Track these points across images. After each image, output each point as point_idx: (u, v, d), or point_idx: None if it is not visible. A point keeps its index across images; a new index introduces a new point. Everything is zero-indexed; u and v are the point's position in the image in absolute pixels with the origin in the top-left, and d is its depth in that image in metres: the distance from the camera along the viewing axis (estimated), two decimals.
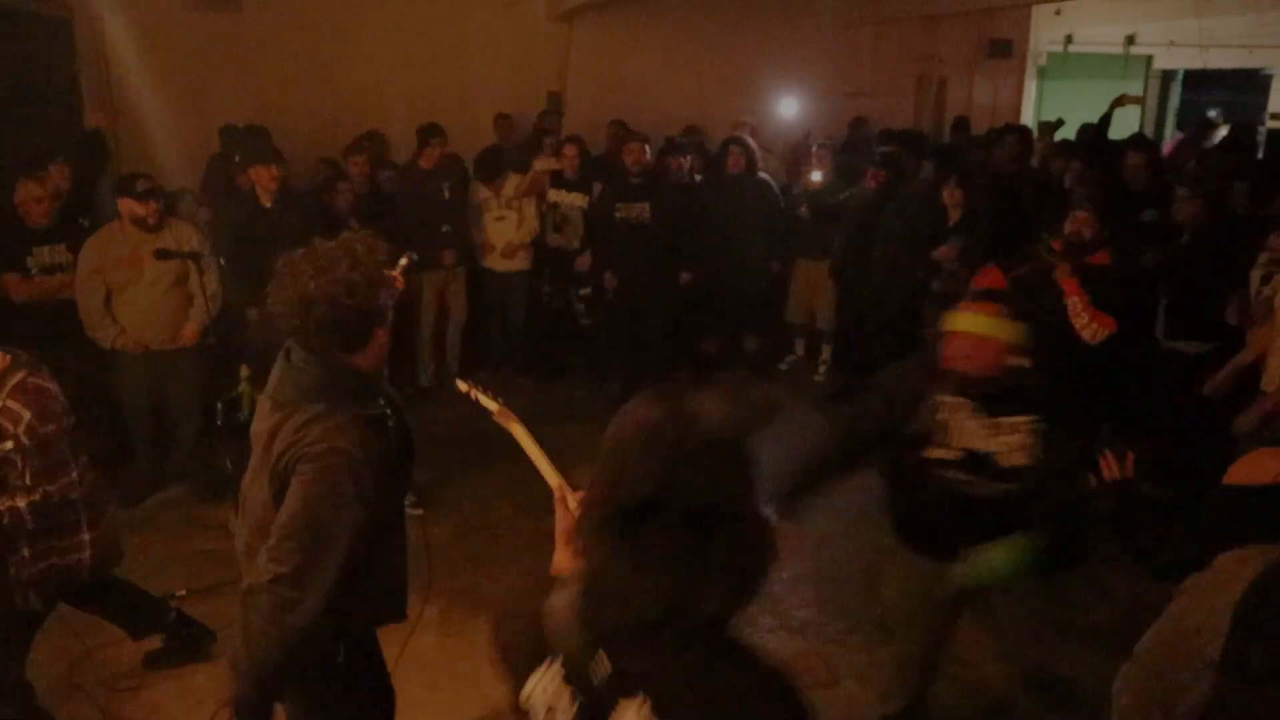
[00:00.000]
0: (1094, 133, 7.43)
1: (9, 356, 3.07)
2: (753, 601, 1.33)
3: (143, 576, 4.44)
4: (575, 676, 1.34)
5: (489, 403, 2.64)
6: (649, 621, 1.26)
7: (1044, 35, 12.62)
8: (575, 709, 1.35)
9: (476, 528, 5.10)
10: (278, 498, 2.24)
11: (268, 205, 5.52)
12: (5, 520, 2.99)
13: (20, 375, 3.02)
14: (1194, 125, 10.28)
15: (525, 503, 5.22)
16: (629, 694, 1.29)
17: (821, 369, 7.37)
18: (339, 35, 7.92)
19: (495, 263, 6.92)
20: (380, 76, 7.98)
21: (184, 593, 4.35)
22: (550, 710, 1.40)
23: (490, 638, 1.58)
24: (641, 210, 6.57)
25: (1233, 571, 1.55)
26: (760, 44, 9.43)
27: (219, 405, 4.47)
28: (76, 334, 5.03)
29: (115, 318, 5.01)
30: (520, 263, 6.93)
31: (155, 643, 3.95)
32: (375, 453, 2.26)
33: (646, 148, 6.75)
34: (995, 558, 2.81)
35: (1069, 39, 13.01)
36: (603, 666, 1.31)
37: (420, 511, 5.21)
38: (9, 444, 2.96)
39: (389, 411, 2.44)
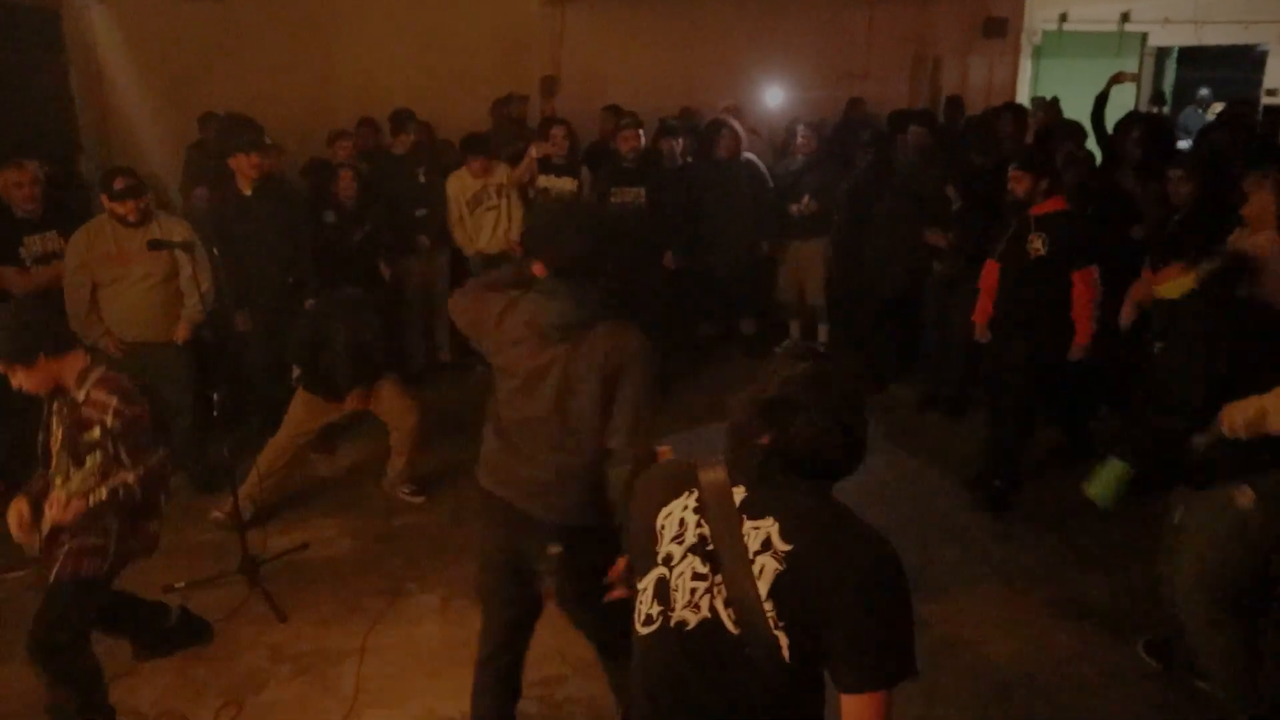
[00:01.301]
0: (1093, 111, 7.38)
1: (87, 354, 3.36)
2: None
3: (141, 569, 4.43)
4: (713, 502, 1.70)
5: None
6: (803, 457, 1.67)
7: (1038, 13, 12.55)
8: (701, 530, 1.69)
9: (477, 515, 5.05)
10: (604, 396, 2.64)
11: (248, 194, 5.47)
12: (120, 495, 3.20)
13: (101, 369, 3.31)
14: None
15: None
16: (759, 517, 1.66)
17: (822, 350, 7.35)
18: (330, 23, 7.86)
19: (484, 247, 6.88)
20: (372, 64, 7.93)
21: (183, 584, 4.34)
22: (679, 532, 1.72)
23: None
24: (637, 195, 6.53)
25: None
26: (754, 26, 9.38)
27: (214, 396, 4.43)
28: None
29: (101, 314, 4.97)
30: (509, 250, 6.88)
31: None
32: None
33: (641, 133, 6.72)
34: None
35: (1063, 17, 12.94)
36: (739, 494, 1.69)
37: (421, 499, 5.22)
38: (96, 431, 3.19)
39: None
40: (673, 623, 1.68)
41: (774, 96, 9.07)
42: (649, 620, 1.71)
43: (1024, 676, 3.78)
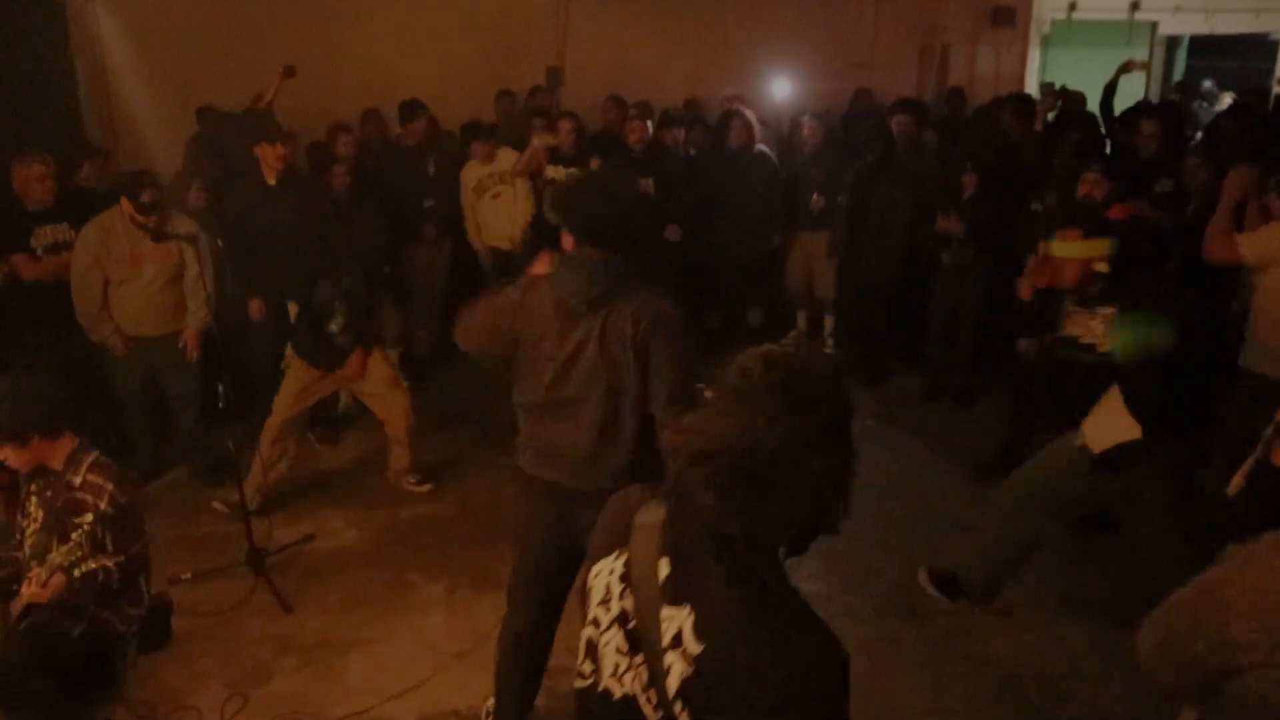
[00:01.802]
0: (1101, 101, 7.33)
1: (75, 438, 3.35)
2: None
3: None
4: (635, 574, 1.47)
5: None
6: (727, 535, 1.35)
7: (1047, 3, 12.47)
8: (624, 604, 1.48)
9: (484, 506, 5.08)
10: (639, 365, 2.69)
11: (272, 184, 5.47)
12: (100, 579, 3.24)
13: (94, 453, 3.35)
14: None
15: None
16: (677, 603, 1.40)
17: (829, 341, 7.33)
18: (335, 13, 7.84)
19: (493, 240, 6.87)
20: (377, 54, 7.90)
21: (189, 575, 4.35)
22: (606, 598, 1.53)
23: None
24: (646, 184, 6.52)
25: (1268, 559, 1.50)
26: (760, 16, 9.33)
27: (220, 388, 4.43)
28: None
29: (111, 312, 4.97)
30: (516, 244, 6.86)
31: None
32: None
33: (649, 124, 6.69)
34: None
35: (1073, 6, 12.85)
36: (663, 569, 1.43)
37: (428, 488, 5.22)
38: (89, 516, 3.21)
39: None
40: (600, 688, 1.54)
41: (780, 87, 9.02)
42: (581, 676, 1.59)
43: (1031, 668, 3.77)
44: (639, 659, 1.46)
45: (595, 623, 1.55)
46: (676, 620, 1.40)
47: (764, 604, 1.38)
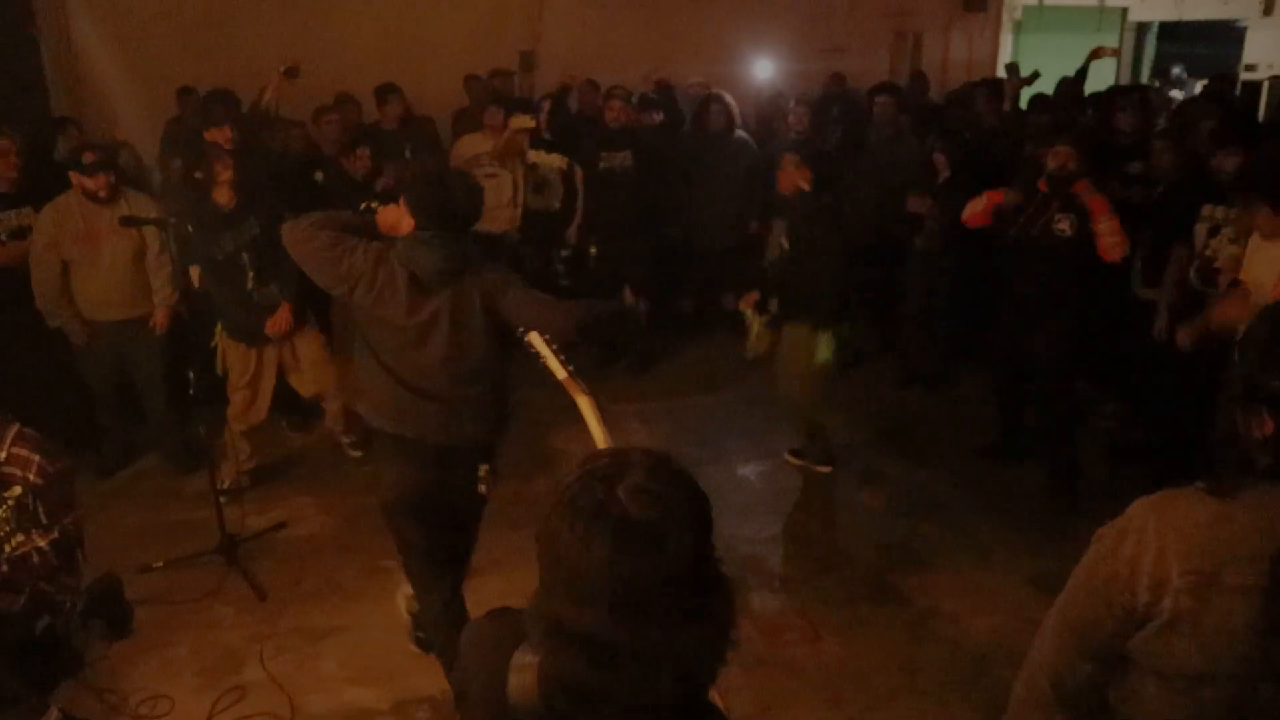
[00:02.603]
0: (1071, 86, 7.37)
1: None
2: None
3: (119, 549, 4.41)
4: None
5: (557, 368, 2.67)
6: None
7: None
8: None
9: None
10: (489, 326, 3.06)
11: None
12: (35, 560, 3.16)
13: (16, 426, 3.26)
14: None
15: (504, 468, 5.18)
16: None
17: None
18: None
19: (484, 224, 6.80)
20: (351, 38, 7.81)
21: (161, 564, 4.31)
22: None
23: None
24: (624, 158, 6.50)
25: (1141, 520, 1.55)
26: (733, 2, 9.31)
27: (190, 374, 4.38)
28: None
29: (72, 295, 4.90)
30: (505, 224, 6.81)
31: None
32: None
33: (627, 103, 6.68)
34: None
35: None
36: None
37: (359, 454, 5.26)
38: (17, 489, 3.14)
39: None
40: None
41: (756, 72, 9.01)
42: None
43: (1002, 648, 3.80)
44: None
45: None
46: None
47: None
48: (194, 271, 5.23)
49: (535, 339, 2.71)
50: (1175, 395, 4.85)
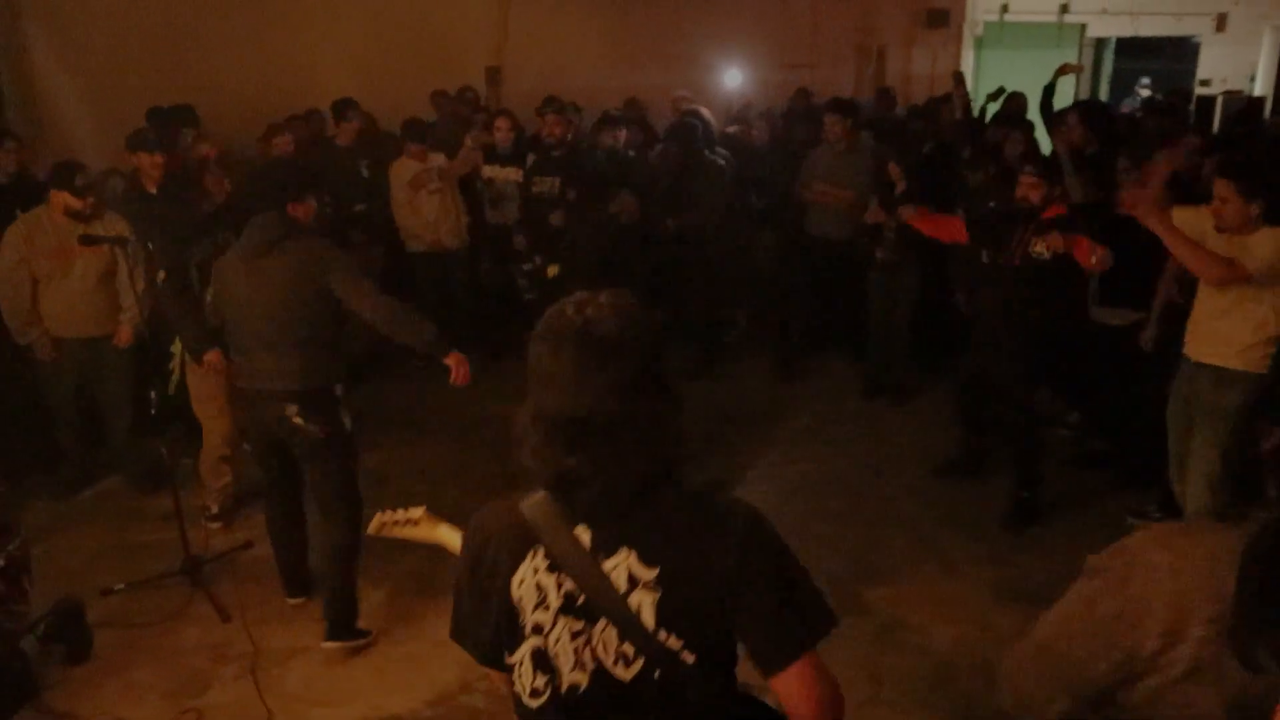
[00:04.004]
0: (1040, 102, 7.48)
1: None
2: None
3: (80, 571, 4.37)
4: (562, 556, 1.54)
5: (409, 516, 2.84)
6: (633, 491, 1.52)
7: (980, 5, 12.74)
8: (566, 588, 1.54)
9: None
10: (316, 297, 3.67)
11: (153, 192, 5.32)
12: None
13: None
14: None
15: (473, 483, 5.18)
16: (613, 553, 1.52)
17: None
18: (270, 11, 7.72)
19: (428, 245, 6.78)
20: (315, 53, 7.81)
21: (123, 586, 4.25)
22: (541, 599, 1.56)
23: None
24: (553, 184, 6.46)
25: (1146, 554, 1.45)
26: (699, 17, 9.40)
27: (152, 394, 4.34)
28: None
29: (40, 312, 4.85)
30: (455, 241, 6.80)
31: None
32: None
33: (567, 119, 6.66)
34: None
35: (1005, 8, 13.14)
36: (584, 536, 1.54)
37: (218, 525, 4.95)
38: None
39: None
40: (564, 689, 1.56)
41: (732, 78, 9.09)
42: (536, 693, 1.58)
43: (966, 657, 3.84)
44: (599, 626, 1.53)
45: (538, 630, 1.57)
46: (621, 566, 1.51)
47: (681, 505, 1.56)
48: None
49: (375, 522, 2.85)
50: (1134, 406, 4.93)
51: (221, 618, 4.09)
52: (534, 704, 1.59)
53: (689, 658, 1.51)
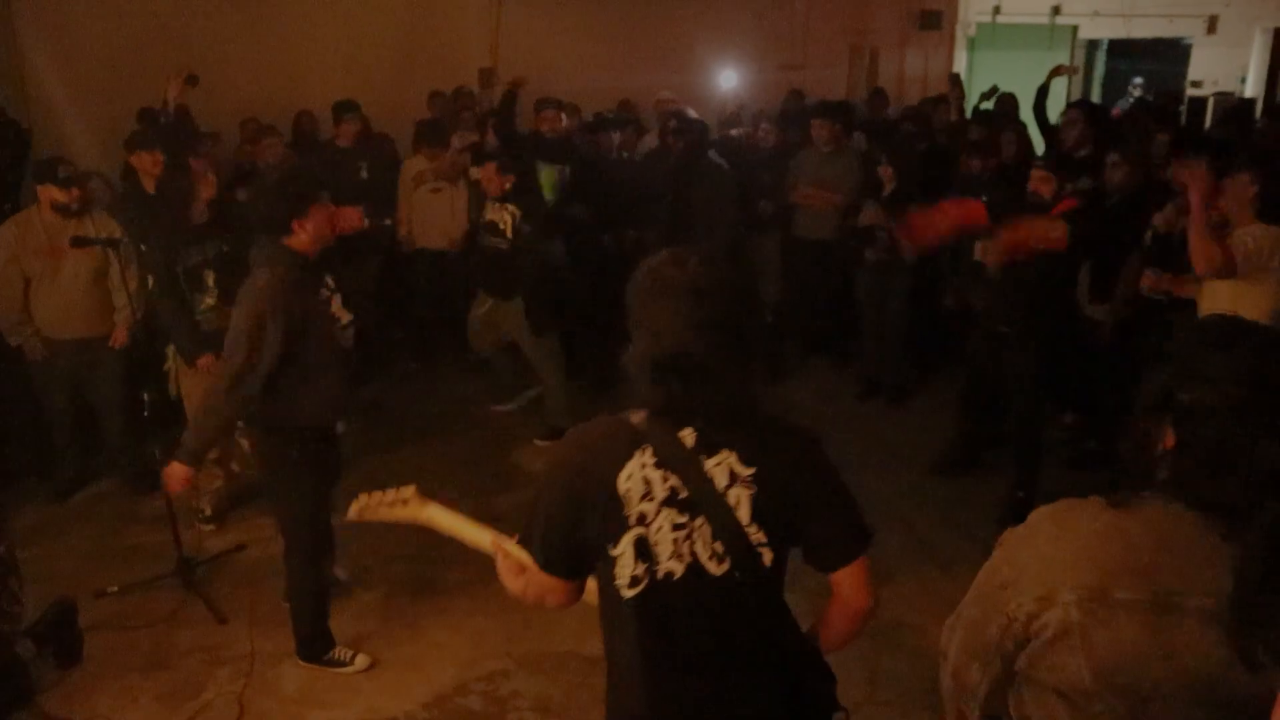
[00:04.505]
0: (1034, 103, 7.50)
1: None
2: None
3: (74, 574, 4.35)
4: (668, 455, 1.75)
5: (399, 495, 2.58)
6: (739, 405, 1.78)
7: (973, 6, 12.78)
8: (670, 483, 1.75)
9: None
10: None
11: (151, 192, 5.30)
12: None
13: None
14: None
15: (471, 485, 5.17)
16: (714, 453, 1.75)
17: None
18: (264, 12, 7.69)
19: (429, 241, 6.77)
20: (307, 54, 7.78)
21: (116, 588, 4.23)
22: (646, 492, 1.76)
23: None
24: (561, 171, 6.47)
25: (1037, 526, 1.55)
26: (693, 18, 9.41)
27: (145, 396, 4.33)
28: None
29: (32, 312, 4.82)
30: (447, 242, 6.77)
31: None
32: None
33: (563, 115, 6.65)
34: None
35: (997, 10, 13.19)
36: (688, 438, 1.75)
37: (211, 528, 4.98)
38: None
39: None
40: (660, 575, 1.76)
41: (714, 87, 9.09)
42: (635, 581, 1.77)
43: None
44: (699, 520, 1.75)
45: (641, 520, 1.76)
46: (724, 465, 1.75)
47: (770, 419, 1.84)
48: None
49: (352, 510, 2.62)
50: (1128, 406, 4.94)
51: (216, 619, 4.08)
52: (631, 593, 1.78)
53: (767, 557, 1.77)
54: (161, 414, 4.51)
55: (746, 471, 1.75)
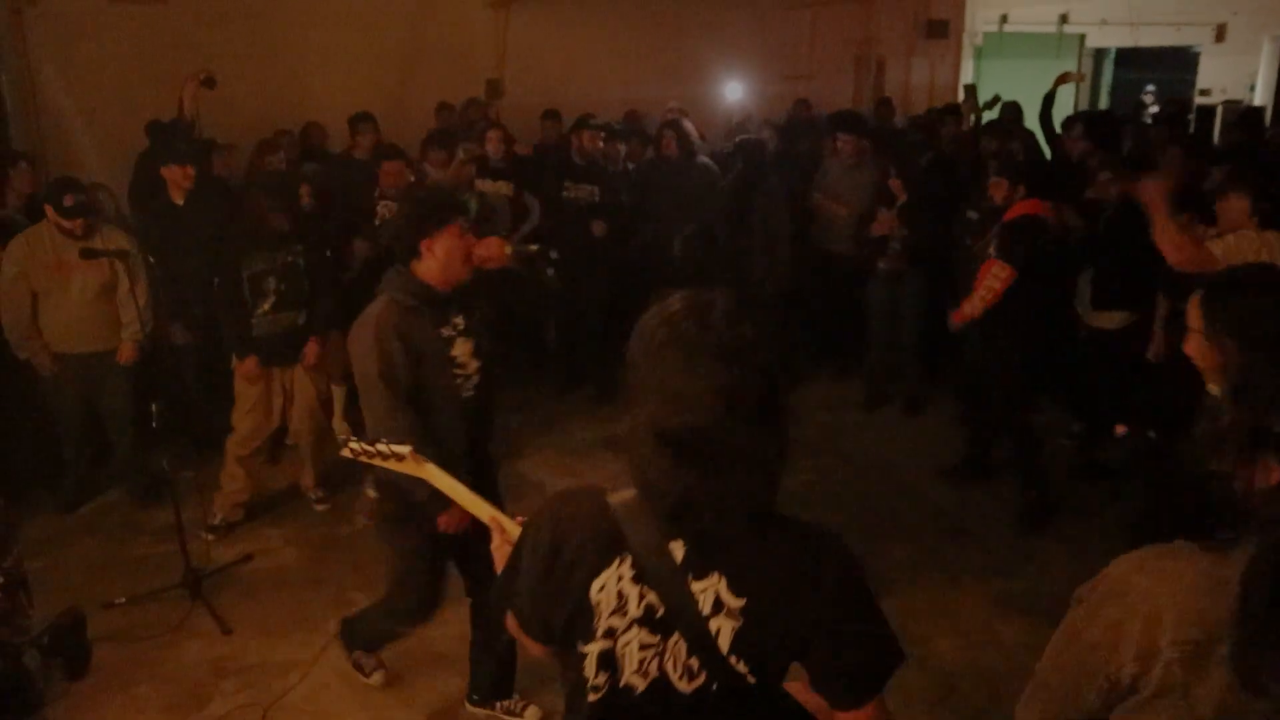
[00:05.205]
0: (1040, 111, 7.50)
1: None
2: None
3: (81, 584, 4.36)
4: (650, 569, 1.52)
5: (394, 451, 2.33)
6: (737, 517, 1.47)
7: (979, 15, 12.77)
8: (647, 599, 1.53)
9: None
10: None
11: (179, 203, 5.33)
12: None
13: None
14: (1131, 107, 10.48)
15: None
16: (704, 575, 1.50)
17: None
18: (272, 25, 7.74)
19: None
20: (315, 66, 7.83)
21: (124, 599, 4.25)
22: (619, 606, 1.55)
23: None
24: (591, 191, 6.51)
25: (1125, 582, 1.45)
26: (698, 28, 9.42)
27: (154, 407, 4.35)
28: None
29: (40, 327, 4.84)
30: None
31: None
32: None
33: (601, 138, 6.72)
34: None
35: (1004, 18, 13.18)
36: (677, 551, 1.51)
37: (325, 507, 5.18)
38: None
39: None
40: (621, 685, 1.58)
41: (720, 97, 9.11)
42: (596, 689, 1.60)
43: (970, 668, 3.83)
44: (673, 639, 1.53)
45: (609, 634, 1.56)
46: (710, 590, 1.50)
47: (779, 537, 1.53)
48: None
49: (348, 448, 2.37)
50: (1138, 417, 4.92)
51: (223, 630, 4.09)
52: (592, 698, 1.60)
53: (751, 679, 1.52)
54: (170, 425, 4.53)
55: (736, 603, 1.49)
